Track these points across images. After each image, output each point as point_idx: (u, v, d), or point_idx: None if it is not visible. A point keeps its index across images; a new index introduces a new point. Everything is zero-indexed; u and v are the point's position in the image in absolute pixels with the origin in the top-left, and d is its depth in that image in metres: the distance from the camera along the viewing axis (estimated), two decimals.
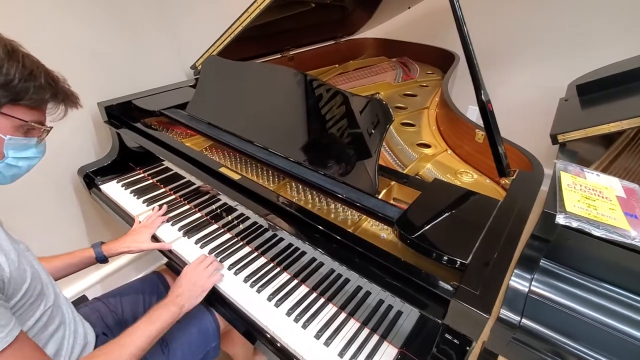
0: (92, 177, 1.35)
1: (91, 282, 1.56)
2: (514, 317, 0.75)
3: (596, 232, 0.68)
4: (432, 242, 0.69)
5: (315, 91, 1.00)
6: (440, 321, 0.62)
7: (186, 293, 0.84)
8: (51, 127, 0.68)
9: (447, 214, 0.76)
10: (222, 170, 1.01)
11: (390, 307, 0.78)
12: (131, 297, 1.04)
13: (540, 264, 0.82)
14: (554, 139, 1.05)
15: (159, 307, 0.80)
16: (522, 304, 0.78)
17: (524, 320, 0.76)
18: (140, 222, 1.12)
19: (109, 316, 0.98)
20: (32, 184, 1.29)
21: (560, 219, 0.73)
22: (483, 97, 0.84)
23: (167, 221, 1.12)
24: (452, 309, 0.60)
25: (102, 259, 1.01)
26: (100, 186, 1.32)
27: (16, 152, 0.63)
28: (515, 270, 0.76)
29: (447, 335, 0.64)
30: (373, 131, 0.88)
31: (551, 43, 2.00)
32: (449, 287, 0.64)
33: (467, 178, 1.07)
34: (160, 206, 1.17)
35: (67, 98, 0.68)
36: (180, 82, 1.58)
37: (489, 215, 0.74)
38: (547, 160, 0.98)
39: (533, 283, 0.80)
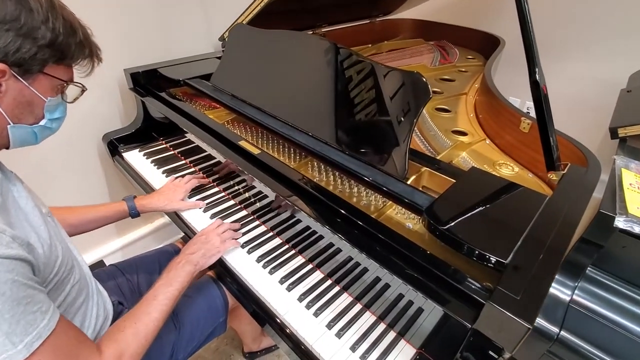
0: (115, 145, 1.34)
1: (111, 249, 1.58)
2: (552, 328, 0.67)
3: None
4: (466, 235, 0.61)
5: (345, 63, 0.92)
6: (469, 325, 0.55)
7: (201, 251, 0.84)
8: (86, 88, 0.65)
9: (484, 207, 0.67)
10: (242, 143, 0.96)
11: (410, 303, 0.72)
12: (147, 267, 1.04)
13: (587, 271, 0.72)
14: (613, 133, 0.93)
15: (173, 268, 0.79)
16: (562, 314, 0.69)
17: (562, 333, 0.67)
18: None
19: (125, 284, 0.98)
20: (59, 148, 1.31)
21: (620, 223, 0.63)
22: (538, 78, 0.73)
23: None
24: (486, 314, 0.52)
25: (136, 214, 1.01)
26: (123, 154, 1.31)
27: (51, 114, 0.60)
28: (556, 276, 0.68)
29: (475, 342, 0.56)
30: (407, 110, 0.79)
31: (614, 31, 1.79)
32: (482, 289, 0.57)
33: (507, 170, 0.97)
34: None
35: (95, 53, 0.63)
36: (207, 53, 1.54)
37: (534, 212, 0.65)
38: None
39: (576, 292, 0.71)
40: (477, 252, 0.59)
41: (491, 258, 0.57)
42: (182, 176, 1.14)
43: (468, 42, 1.97)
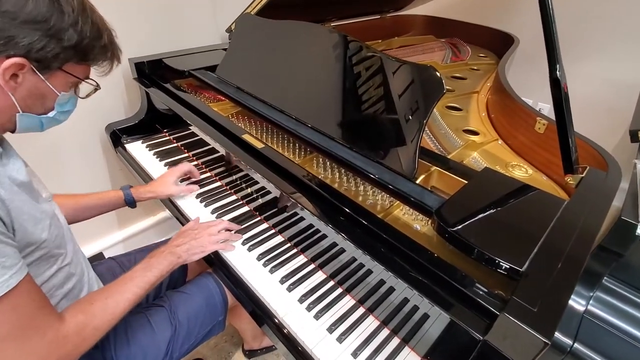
0: (118, 135, 1.32)
1: (112, 242, 1.57)
2: (565, 340, 0.63)
3: None
4: (478, 239, 0.57)
5: (356, 56, 0.89)
6: (481, 337, 0.52)
7: (186, 246, 0.83)
8: (100, 87, 0.66)
9: (498, 209, 0.63)
10: (245, 137, 0.93)
11: (416, 308, 0.68)
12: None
13: (603, 281, 0.69)
14: (633, 136, 0.89)
15: (156, 254, 0.79)
16: (576, 325, 0.66)
17: (576, 345, 0.64)
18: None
19: None
20: (62, 137, 1.29)
21: None
22: (559, 74, 0.69)
23: None
24: (500, 325, 0.49)
25: (131, 202, 1.00)
26: (126, 145, 1.30)
27: (61, 107, 0.61)
28: None
29: (484, 353, 0.53)
30: (418, 105, 0.76)
31: (629, 32, 1.73)
32: (494, 298, 0.53)
33: (520, 172, 0.93)
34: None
35: (116, 55, 0.63)
36: (214, 44, 1.51)
37: (551, 217, 0.61)
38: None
39: (591, 302, 0.67)
40: (487, 256, 0.55)
41: (504, 265, 0.53)
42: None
43: (480, 40, 1.92)
